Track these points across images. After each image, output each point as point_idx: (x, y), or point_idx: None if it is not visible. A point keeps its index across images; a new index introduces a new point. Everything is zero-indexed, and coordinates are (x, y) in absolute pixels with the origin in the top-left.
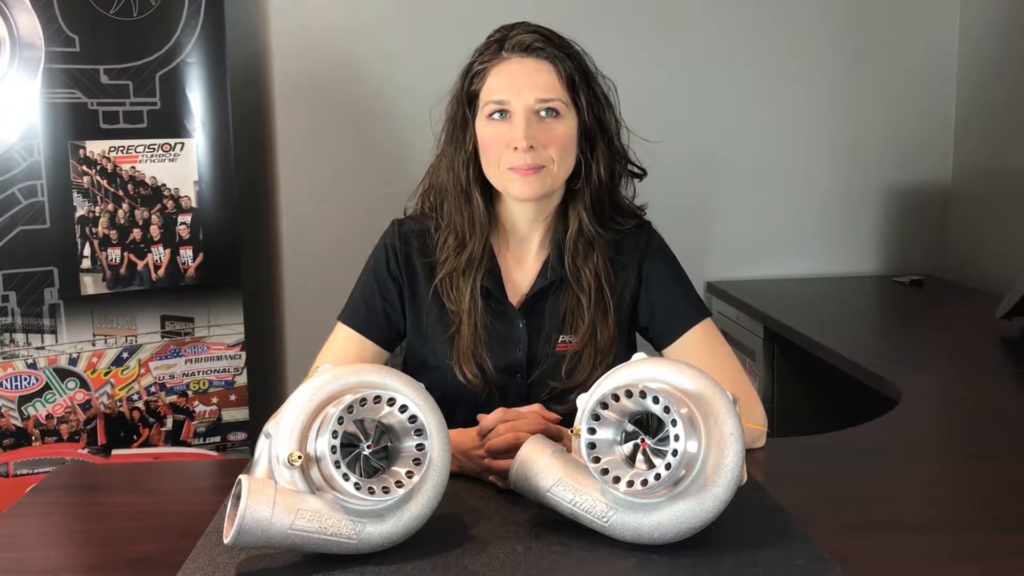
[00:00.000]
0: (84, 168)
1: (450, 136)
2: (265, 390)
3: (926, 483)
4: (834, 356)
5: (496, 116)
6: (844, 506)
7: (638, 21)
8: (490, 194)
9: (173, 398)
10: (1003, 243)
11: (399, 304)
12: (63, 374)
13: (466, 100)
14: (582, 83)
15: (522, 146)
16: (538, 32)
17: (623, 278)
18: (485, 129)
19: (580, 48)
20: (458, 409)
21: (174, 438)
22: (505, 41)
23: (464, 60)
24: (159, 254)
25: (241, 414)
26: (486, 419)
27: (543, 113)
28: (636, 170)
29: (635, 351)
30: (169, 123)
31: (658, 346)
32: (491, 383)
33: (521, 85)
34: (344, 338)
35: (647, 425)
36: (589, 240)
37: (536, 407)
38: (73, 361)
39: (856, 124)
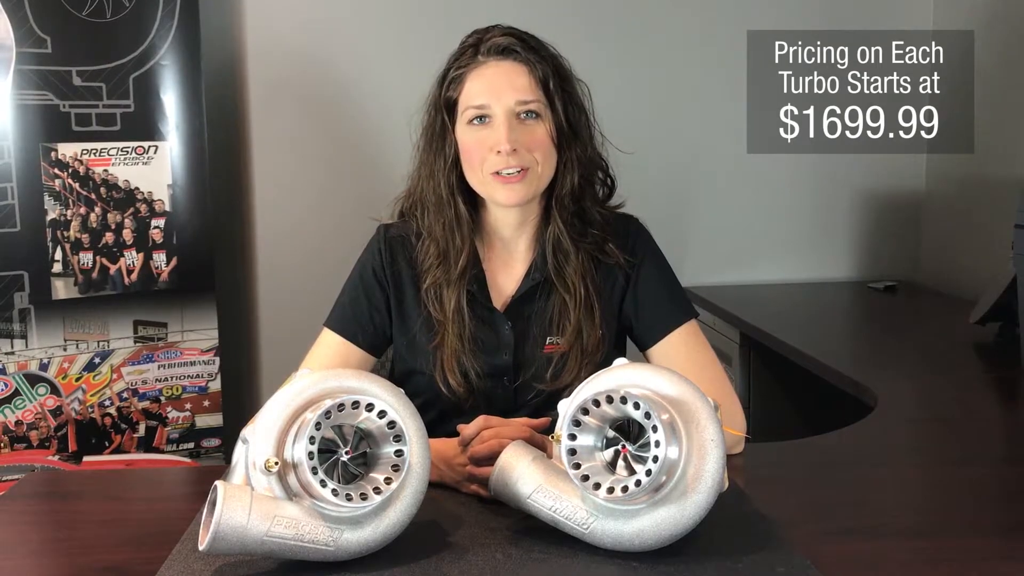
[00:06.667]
0: (56, 171)
1: (428, 144)
2: (239, 395)
3: (903, 488)
4: (810, 361)
5: (476, 122)
6: (823, 512)
7: (613, 24)
8: (473, 200)
9: (146, 404)
10: (976, 249)
11: (385, 309)
12: (33, 379)
13: (444, 107)
14: (557, 86)
15: (505, 149)
16: (513, 35)
17: (612, 278)
18: (465, 135)
19: (556, 51)
20: (446, 416)
21: (147, 444)
22: (480, 45)
23: (439, 63)
24: (132, 258)
25: (215, 420)
26: (468, 428)
27: (523, 116)
28: (606, 180)
29: (623, 354)
30: (143, 126)
31: (641, 346)
32: (476, 391)
33: (500, 88)
34: (329, 343)
35: (628, 431)
36: (570, 241)
37: (522, 420)
38: (44, 366)
39: None
